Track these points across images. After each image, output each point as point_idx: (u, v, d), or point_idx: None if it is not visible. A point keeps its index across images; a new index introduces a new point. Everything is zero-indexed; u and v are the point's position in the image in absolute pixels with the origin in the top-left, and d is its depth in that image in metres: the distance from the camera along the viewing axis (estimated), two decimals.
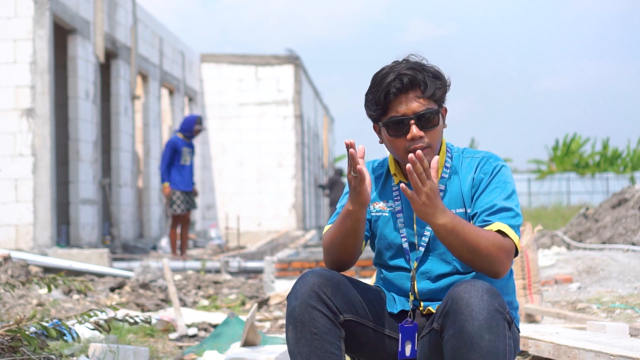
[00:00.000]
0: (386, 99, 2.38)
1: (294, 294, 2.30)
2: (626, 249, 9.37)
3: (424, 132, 2.38)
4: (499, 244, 2.29)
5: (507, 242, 2.31)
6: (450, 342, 2.16)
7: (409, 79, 2.37)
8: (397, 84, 2.37)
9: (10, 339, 3.17)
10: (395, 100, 2.38)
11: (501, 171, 2.42)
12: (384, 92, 2.38)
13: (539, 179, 39.33)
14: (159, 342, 4.99)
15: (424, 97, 2.38)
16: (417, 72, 2.38)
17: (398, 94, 2.37)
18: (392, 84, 2.37)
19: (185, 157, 10.60)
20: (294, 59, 19.52)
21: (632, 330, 4.13)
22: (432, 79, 2.40)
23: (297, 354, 2.28)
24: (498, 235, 2.30)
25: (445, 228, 2.24)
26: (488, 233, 2.29)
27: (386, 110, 2.40)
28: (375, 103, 2.41)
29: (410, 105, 2.37)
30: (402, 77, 2.37)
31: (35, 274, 7.33)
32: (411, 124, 2.37)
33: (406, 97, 2.38)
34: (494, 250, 2.27)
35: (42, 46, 10.76)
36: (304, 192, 20.34)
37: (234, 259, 9.80)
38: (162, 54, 16.34)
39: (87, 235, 12.13)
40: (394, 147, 2.43)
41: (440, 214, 2.24)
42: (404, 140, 2.39)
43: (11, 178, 10.70)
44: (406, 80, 2.36)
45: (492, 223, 2.33)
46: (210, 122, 19.42)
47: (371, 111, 2.44)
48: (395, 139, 2.40)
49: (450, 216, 2.25)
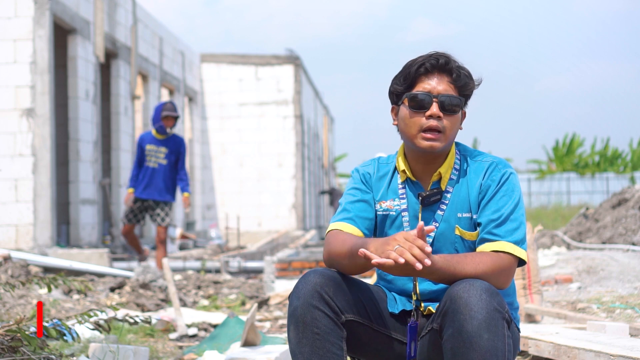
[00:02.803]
0: (417, 73, 2.41)
1: (295, 294, 2.29)
2: (626, 249, 9.37)
3: (442, 115, 2.39)
4: (498, 266, 2.30)
5: (506, 261, 2.32)
6: (449, 341, 2.16)
7: (445, 60, 2.40)
8: (432, 60, 2.40)
9: (10, 339, 3.17)
10: (424, 76, 2.41)
11: (509, 179, 2.42)
12: (417, 66, 2.41)
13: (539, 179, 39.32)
14: (159, 342, 4.99)
15: (453, 84, 2.41)
16: (452, 61, 2.42)
17: (431, 70, 2.41)
18: (427, 60, 2.40)
19: (149, 157, 8.52)
20: (294, 59, 19.52)
21: (632, 330, 4.13)
22: (465, 75, 2.43)
23: (298, 354, 2.27)
24: (496, 256, 2.31)
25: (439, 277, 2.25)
26: (486, 258, 2.29)
27: (413, 85, 2.42)
28: (404, 77, 2.43)
29: (437, 86, 2.40)
30: (439, 57, 2.41)
31: (35, 274, 7.33)
32: (434, 101, 2.39)
33: (437, 77, 2.41)
34: (493, 274, 2.28)
35: (42, 46, 10.76)
36: (304, 192, 20.34)
37: (234, 259, 9.80)
38: (162, 54, 16.34)
39: (87, 235, 12.13)
40: (409, 124, 2.42)
41: (427, 274, 2.24)
42: (422, 117, 2.39)
43: (11, 178, 10.70)
44: (442, 60, 2.40)
45: (495, 241, 2.34)
46: (210, 122, 19.42)
47: (398, 85, 2.45)
48: (414, 114, 2.40)
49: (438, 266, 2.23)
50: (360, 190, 2.52)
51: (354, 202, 2.50)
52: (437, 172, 2.44)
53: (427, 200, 2.43)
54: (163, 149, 8.50)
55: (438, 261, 2.23)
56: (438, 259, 2.23)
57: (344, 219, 2.47)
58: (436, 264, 2.22)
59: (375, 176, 2.54)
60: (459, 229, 2.41)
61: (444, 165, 2.45)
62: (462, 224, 2.41)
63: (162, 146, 8.51)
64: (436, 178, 2.45)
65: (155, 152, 8.50)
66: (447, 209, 2.42)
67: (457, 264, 2.25)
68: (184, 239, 15.21)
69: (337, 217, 2.49)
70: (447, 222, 2.42)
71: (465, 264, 2.26)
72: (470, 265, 2.26)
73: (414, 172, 2.48)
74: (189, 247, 14.64)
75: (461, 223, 2.41)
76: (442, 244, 2.42)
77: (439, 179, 2.45)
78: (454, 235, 2.41)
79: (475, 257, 2.30)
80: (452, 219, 2.42)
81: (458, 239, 2.41)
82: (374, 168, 2.55)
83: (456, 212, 2.41)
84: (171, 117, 8.40)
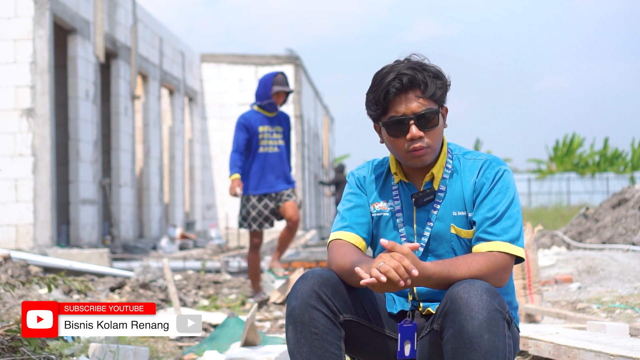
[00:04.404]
0: (386, 99, 2.37)
1: (294, 294, 2.29)
2: (626, 249, 9.37)
3: (423, 132, 2.37)
4: (493, 266, 2.30)
5: (501, 260, 2.32)
6: (450, 342, 2.16)
7: (409, 78, 2.35)
8: (397, 83, 2.35)
9: (10, 339, 3.17)
10: (394, 100, 2.37)
11: (503, 176, 2.42)
12: (384, 92, 2.36)
13: (539, 179, 39.31)
14: (159, 342, 4.99)
15: (424, 97, 2.37)
16: (417, 72, 2.36)
17: (398, 93, 2.36)
18: (391, 84, 2.35)
19: (265, 141, 6.72)
20: (294, 59, 19.52)
21: (632, 330, 4.13)
22: (433, 79, 2.38)
23: (297, 354, 2.27)
24: (490, 256, 2.31)
25: (435, 283, 2.26)
26: (479, 258, 2.30)
27: (386, 110, 2.39)
28: (375, 103, 2.40)
29: (410, 106, 2.36)
30: (401, 76, 2.35)
31: (35, 274, 7.33)
32: (411, 124, 2.36)
33: (406, 97, 2.36)
34: (488, 274, 2.29)
35: (42, 46, 10.76)
36: (304, 192, 20.33)
37: (234, 259, 9.80)
38: (162, 54, 16.34)
39: (87, 235, 12.13)
40: (394, 147, 2.42)
41: (422, 282, 2.25)
42: (403, 140, 2.38)
43: (11, 178, 10.70)
44: (406, 80, 2.35)
45: (490, 241, 2.34)
46: (210, 122, 19.42)
47: (371, 111, 2.43)
48: (395, 139, 2.40)
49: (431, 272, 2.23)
50: (356, 194, 2.53)
51: (350, 208, 2.51)
52: (430, 172, 2.45)
53: (420, 201, 2.44)
54: (279, 128, 6.79)
55: (431, 268, 2.23)
56: (431, 265, 2.24)
57: (342, 227, 2.49)
58: (429, 271, 2.22)
59: (369, 179, 2.55)
60: (455, 228, 2.41)
61: (436, 165, 2.45)
62: (457, 223, 2.41)
63: (277, 125, 6.80)
64: (429, 178, 2.45)
65: (270, 134, 6.73)
66: (442, 208, 2.42)
67: (450, 267, 2.26)
68: (184, 239, 15.22)
69: (336, 226, 2.51)
70: (442, 221, 2.42)
71: (458, 266, 2.27)
72: (463, 266, 2.27)
73: (407, 174, 2.49)
74: (189, 247, 14.65)
75: (456, 221, 2.41)
76: (438, 243, 2.42)
77: (431, 179, 2.45)
78: (450, 234, 2.41)
79: (468, 258, 2.31)
80: (447, 217, 2.42)
81: (454, 238, 2.41)
82: (367, 171, 2.56)
83: (451, 211, 2.42)
84: (283, 92, 6.73)
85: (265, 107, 6.74)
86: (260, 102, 6.74)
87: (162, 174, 16.20)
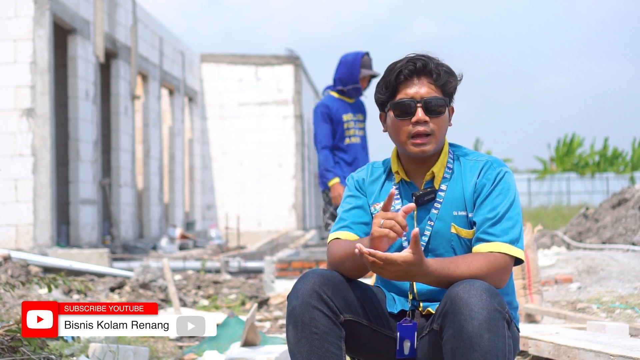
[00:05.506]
0: (397, 80, 2.42)
1: (294, 294, 2.30)
2: (626, 249, 9.37)
3: (429, 118, 2.40)
4: (493, 266, 2.31)
5: (500, 261, 2.32)
6: (449, 342, 2.17)
7: (422, 63, 2.41)
8: (410, 66, 2.41)
9: (10, 339, 3.17)
10: (405, 83, 2.42)
11: (504, 178, 2.42)
12: (396, 74, 2.41)
13: (539, 178, 39.31)
14: (159, 342, 4.99)
15: (435, 85, 2.41)
16: (431, 61, 2.42)
17: (410, 76, 2.41)
18: (405, 66, 2.41)
19: (350, 130, 5.82)
20: (294, 59, 19.52)
21: (632, 330, 4.13)
22: (445, 72, 2.43)
23: (297, 354, 2.28)
24: (491, 256, 2.32)
25: (434, 280, 2.26)
26: (479, 258, 2.30)
27: (395, 93, 2.43)
28: (386, 86, 2.44)
29: (419, 90, 2.41)
30: (415, 60, 2.41)
31: (35, 274, 7.33)
32: (418, 107, 2.40)
33: (417, 80, 2.41)
34: (487, 274, 2.29)
35: (42, 46, 10.76)
36: (304, 192, 20.34)
37: (234, 259, 9.80)
38: (162, 54, 16.34)
39: (87, 235, 12.13)
40: (397, 131, 2.44)
41: (422, 277, 2.25)
42: (408, 124, 2.41)
43: (11, 178, 10.70)
44: (419, 64, 2.41)
45: (490, 242, 2.34)
46: (210, 122, 19.41)
47: (380, 94, 2.47)
48: (400, 121, 2.42)
49: (432, 269, 2.24)
50: (354, 196, 2.54)
51: (348, 210, 2.52)
52: (430, 171, 2.46)
53: (420, 200, 2.44)
54: (360, 116, 5.93)
55: (432, 264, 2.24)
56: (432, 262, 2.24)
57: (340, 227, 2.50)
58: (430, 267, 2.23)
59: (368, 180, 2.56)
60: (455, 227, 2.41)
61: (436, 164, 2.46)
62: (457, 222, 2.42)
63: (359, 113, 5.91)
64: (429, 177, 2.46)
65: (355, 123, 5.87)
66: (442, 208, 2.43)
67: (450, 265, 2.26)
68: (184, 239, 15.22)
69: (335, 227, 2.52)
70: (443, 221, 2.42)
71: (458, 265, 2.27)
72: (463, 265, 2.27)
73: (408, 172, 2.50)
74: (189, 247, 14.65)
75: (457, 221, 2.42)
76: (438, 242, 2.43)
77: (432, 178, 2.46)
78: (450, 234, 2.42)
79: (468, 257, 2.31)
80: (448, 217, 2.42)
81: (454, 237, 2.41)
82: (367, 173, 2.58)
83: (451, 211, 2.42)
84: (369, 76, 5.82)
85: (348, 92, 5.77)
86: (343, 87, 5.76)
87: (162, 174, 16.20)
